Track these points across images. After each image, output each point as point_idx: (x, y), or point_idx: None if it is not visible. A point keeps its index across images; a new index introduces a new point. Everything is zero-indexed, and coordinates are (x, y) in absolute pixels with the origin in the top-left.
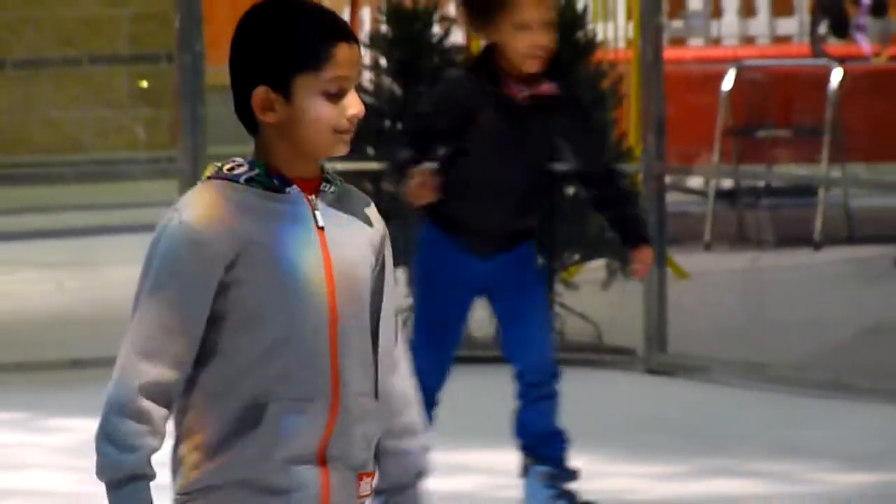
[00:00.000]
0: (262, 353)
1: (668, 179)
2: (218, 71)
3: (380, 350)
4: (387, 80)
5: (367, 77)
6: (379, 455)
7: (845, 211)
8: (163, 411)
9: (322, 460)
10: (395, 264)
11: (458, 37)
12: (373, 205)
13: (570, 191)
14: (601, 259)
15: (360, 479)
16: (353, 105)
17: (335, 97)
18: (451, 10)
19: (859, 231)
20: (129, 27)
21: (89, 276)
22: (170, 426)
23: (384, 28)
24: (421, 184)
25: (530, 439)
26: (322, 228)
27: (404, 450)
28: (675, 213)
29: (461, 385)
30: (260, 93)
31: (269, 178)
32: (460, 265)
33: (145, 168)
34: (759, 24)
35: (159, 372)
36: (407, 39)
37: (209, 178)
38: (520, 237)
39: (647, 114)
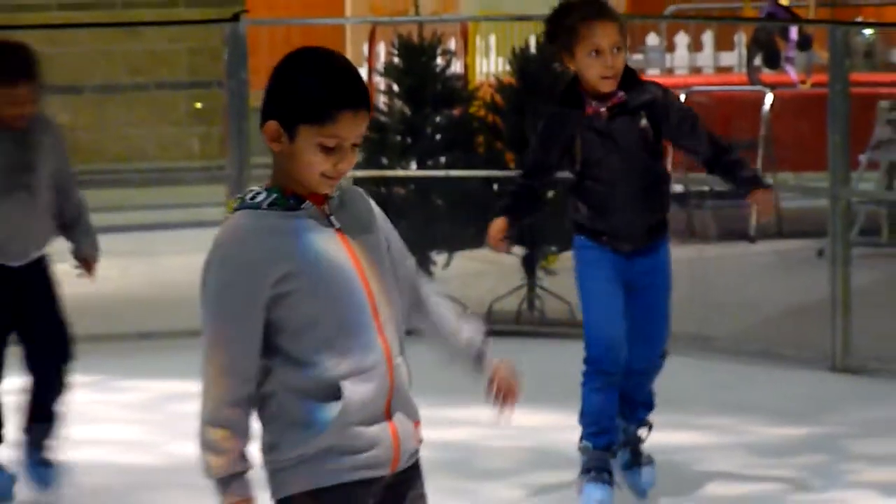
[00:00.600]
0: (323, 344)
1: None
2: (259, 94)
3: (411, 289)
4: (398, 103)
5: (381, 100)
6: (450, 352)
7: (776, 211)
8: (244, 414)
9: (389, 416)
10: None
11: (457, 67)
12: (362, 192)
13: (549, 194)
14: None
15: (416, 426)
16: (344, 161)
17: (329, 151)
18: (452, 44)
19: (787, 227)
20: (187, 59)
21: (150, 263)
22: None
23: (396, 60)
24: (497, 232)
25: (622, 405)
26: (340, 229)
27: (466, 340)
28: None
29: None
30: (271, 125)
31: (285, 199)
32: (608, 262)
33: (199, 175)
34: (706, 57)
35: (234, 383)
36: (415, 69)
37: (235, 209)
38: (654, 234)
39: None
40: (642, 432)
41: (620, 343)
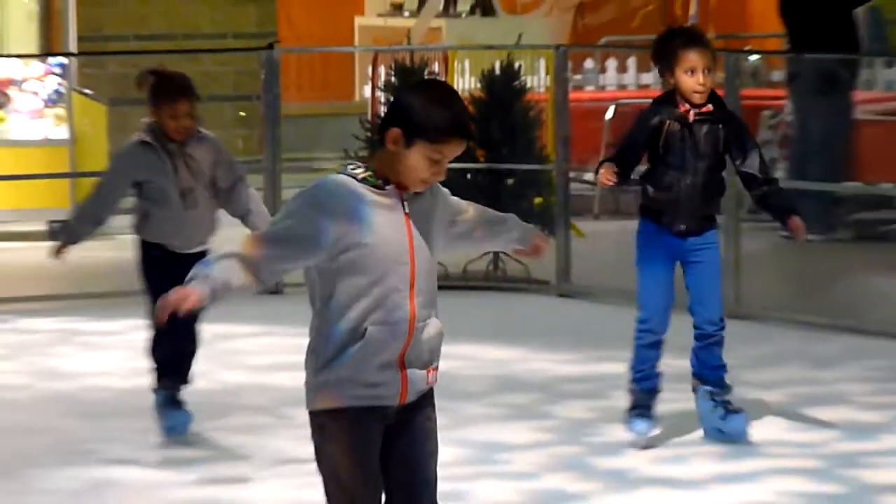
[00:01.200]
0: (362, 292)
1: (571, 174)
2: (289, 106)
3: (471, 223)
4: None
5: (382, 110)
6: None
7: None
8: (256, 268)
9: (402, 365)
10: None
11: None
12: (438, 187)
13: (509, 181)
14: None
15: (429, 372)
16: (440, 173)
17: (433, 163)
18: (435, 67)
19: None
20: (233, 78)
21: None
22: None
23: (393, 79)
24: (606, 171)
25: (702, 370)
26: (407, 214)
27: (507, 226)
28: (576, 195)
29: (458, 302)
30: (395, 132)
31: (375, 178)
32: (663, 243)
33: (242, 167)
34: (630, 77)
35: (267, 253)
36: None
37: (337, 172)
38: (705, 223)
39: (558, 133)
40: (725, 389)
41: (666, 309)
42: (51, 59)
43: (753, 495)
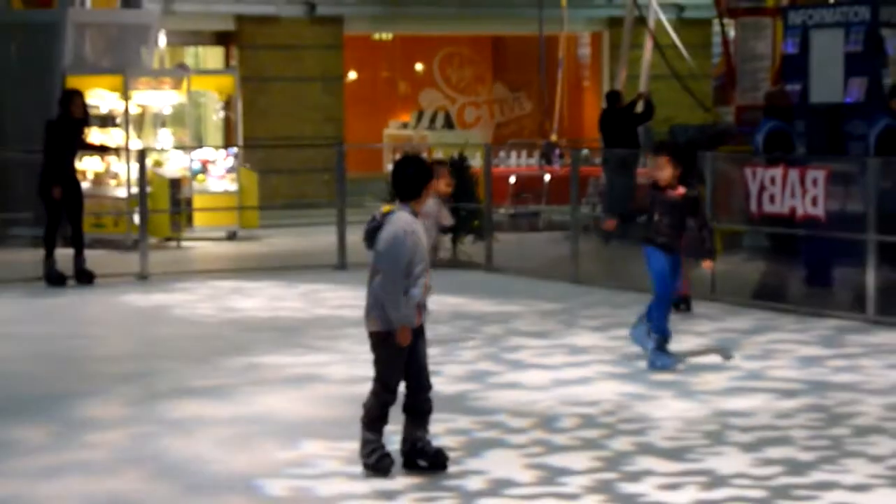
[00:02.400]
0: (415, 267)
1: (493, 209)
2: (349, 174)
3: None
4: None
5: None
6: None
7: (549, 217)
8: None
9: (418, 307)
10: None
11: None
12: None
13: (462, 213)
14: (471, 234)
15: (424, 312)
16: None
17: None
18: (424, 155)
19: (556, 226)
20: (324, 160)
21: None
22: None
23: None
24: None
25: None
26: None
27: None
28: (497, 221)
29: (434, 275)
30: (432, 182)
31: (414, 213)
32: (664, 258)
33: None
34: (522, 160)
35: (402, 280)
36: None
37: (396, 210)
38: (678, 247)
39: (486, 188)
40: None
41: (672, 289)
42: (229, 149)
43: None
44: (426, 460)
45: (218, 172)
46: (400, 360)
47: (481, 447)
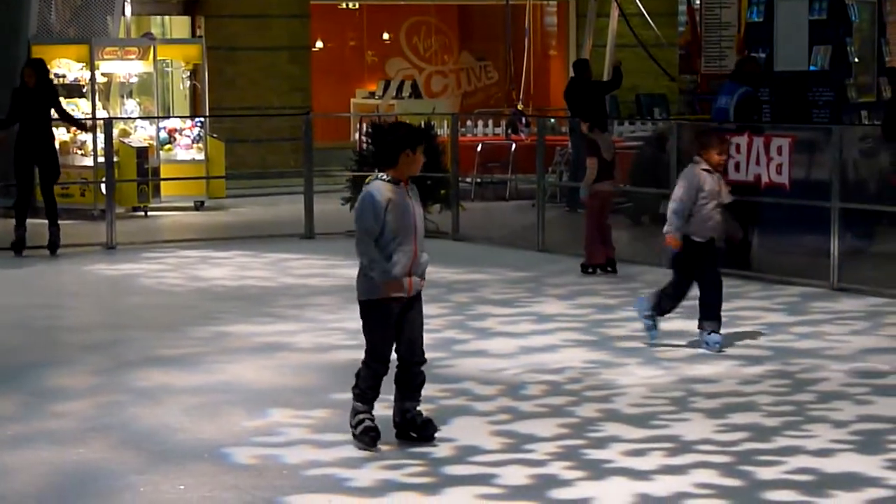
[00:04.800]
0: (394, 237)
1: (459, 178)
2: (316, 143)
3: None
4: (371, 149)
5: (364, 147)
6: None
7: (516, 186)
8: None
9: (410, 273)
10: None
11: None
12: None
13: (428, 182)
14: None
15: (421, 281)
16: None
17: (423, 154)
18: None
19: (522, 194)
20: (289, 129)
21: None
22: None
23: (368, 130)
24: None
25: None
26: (411, 197)
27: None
28: (464, 190)
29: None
30: (407, 151)
31: (395, 181)
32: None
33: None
34: (489, 130)
35: (371, 241)
36: (377, 134)
37: (372, 180)
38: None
39: (452, 157)
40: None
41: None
42: (196, 119)
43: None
44: (415, 431)
45: (185, 142)
46: (384, 328)
47: (448, 415)
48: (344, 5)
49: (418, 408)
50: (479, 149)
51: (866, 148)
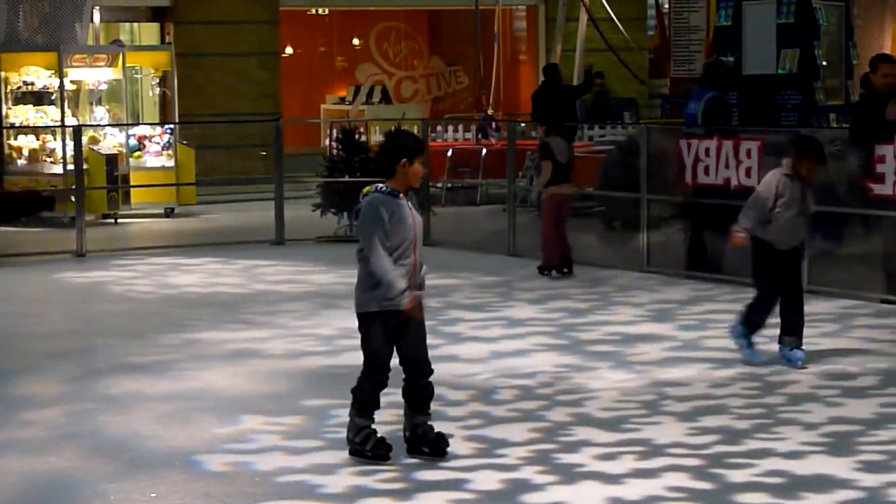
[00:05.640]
0: (398, 246)
1: (430, 183)
2: (287, 149)
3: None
4: (341, 155)
5: (334, 153)
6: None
7: (486, 190)
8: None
9: (409, 289)
10: None
11: (363, 139)
12: (414, 197)
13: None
14: None
15: (419, 294)
16: (422, 172)
17: (422, 165)
18: (361, 130)
19: (494, 199)
20: (260, 135)
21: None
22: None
23: (339, 135)
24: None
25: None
26: (411, 209)
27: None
28: (433, 194)
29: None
30: (404, 161)
31: (393, 192)
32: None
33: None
34: (459, 135)
35: (381, 251)
36: (347, 141)
37: (372, 191)
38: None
39: (424, 162)
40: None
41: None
42: (166, 125)
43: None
44: (427, 446)
45: (155, 149)
46: (385, 341)
47: None
48: (313, 11)
49: (429, 422)
50: (449, 154)
51: (835, 151)
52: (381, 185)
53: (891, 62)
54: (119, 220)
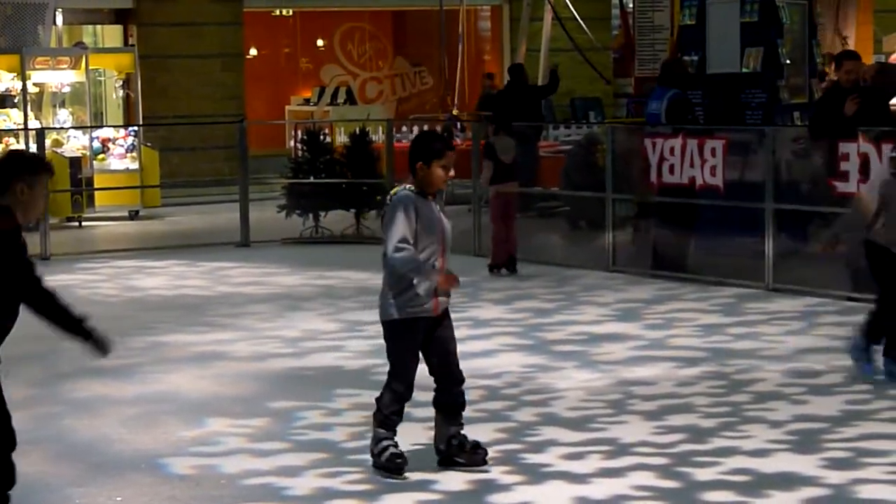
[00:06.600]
0: (423, 249)
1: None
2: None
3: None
4: (306, 156)
5: (299, 154)
6: None
7: (452, 191)
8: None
9: (435, 294)
10: None
11: (328, 139)
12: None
13: (364, 187)
14: (374, 210)
15: (442, 301)
16: (446, 176)
17: (445, 170)
18: (326, 131)
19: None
20: (224, 136)
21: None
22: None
23: (304, 137)
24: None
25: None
26: (440, 212)
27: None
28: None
29: (339, 250)
30: (420, 164)
31: (421, 192)
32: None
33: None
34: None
35: (406, 241)
36: (312, 142)
37: (399, 189)
38: None
39: (388, 163)
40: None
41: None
42: (130, 128)
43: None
44: (463, 457)
45: (119, 151)
46: (410, 350)
47: None
48: (277, 12)
49: (462, 431)
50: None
51: (799, 149)
52: (407, 185)
53: (854, 59)
54: (83, 223)
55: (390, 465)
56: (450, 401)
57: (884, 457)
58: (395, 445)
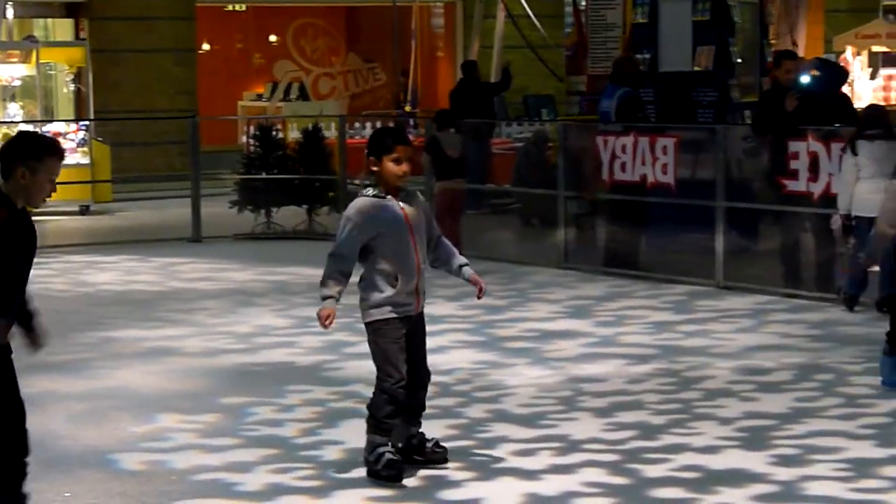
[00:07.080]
0: (393, 256)
1: (347, 180)
2: (203, 146)
3: (430, 239)
4: (259, 152)
5: (251, 149)
6: (447, 269)
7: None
8: (342, 277)
9: (416, 291)
10: None
11: (280, 135)
12: (417, 193)
13: (317, 183)
14: (327, 206)
15: (423, 298)
16: (405, 171)
17: (397, 163)
18: (279, 127)
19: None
20: (176, 131)
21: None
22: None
23: (257, 133)
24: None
25: None
26: (403, 208)
27: (455, 262)
28: (353, 192)
29: (289, 245)
30: (370, 159)
31: (381, 192)
32: None
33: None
34: (358, 130)
35: (340, 264)
36: (264, 137)
37: (364, 191)
38: None
39: (341, 159)
40: None
41: None
42: (81, 122)
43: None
44: (422, 456)
45: (69, 146)
46: (396, 349)
47: (337, 417)
48: (230, 7)
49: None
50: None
51: (750, 147)
52: (371, 188)
53: (793, 58)
54: (34, 218)
55: (387, 473)
56: (413, 403)
57: (832, 454)
58: (392, 452)
